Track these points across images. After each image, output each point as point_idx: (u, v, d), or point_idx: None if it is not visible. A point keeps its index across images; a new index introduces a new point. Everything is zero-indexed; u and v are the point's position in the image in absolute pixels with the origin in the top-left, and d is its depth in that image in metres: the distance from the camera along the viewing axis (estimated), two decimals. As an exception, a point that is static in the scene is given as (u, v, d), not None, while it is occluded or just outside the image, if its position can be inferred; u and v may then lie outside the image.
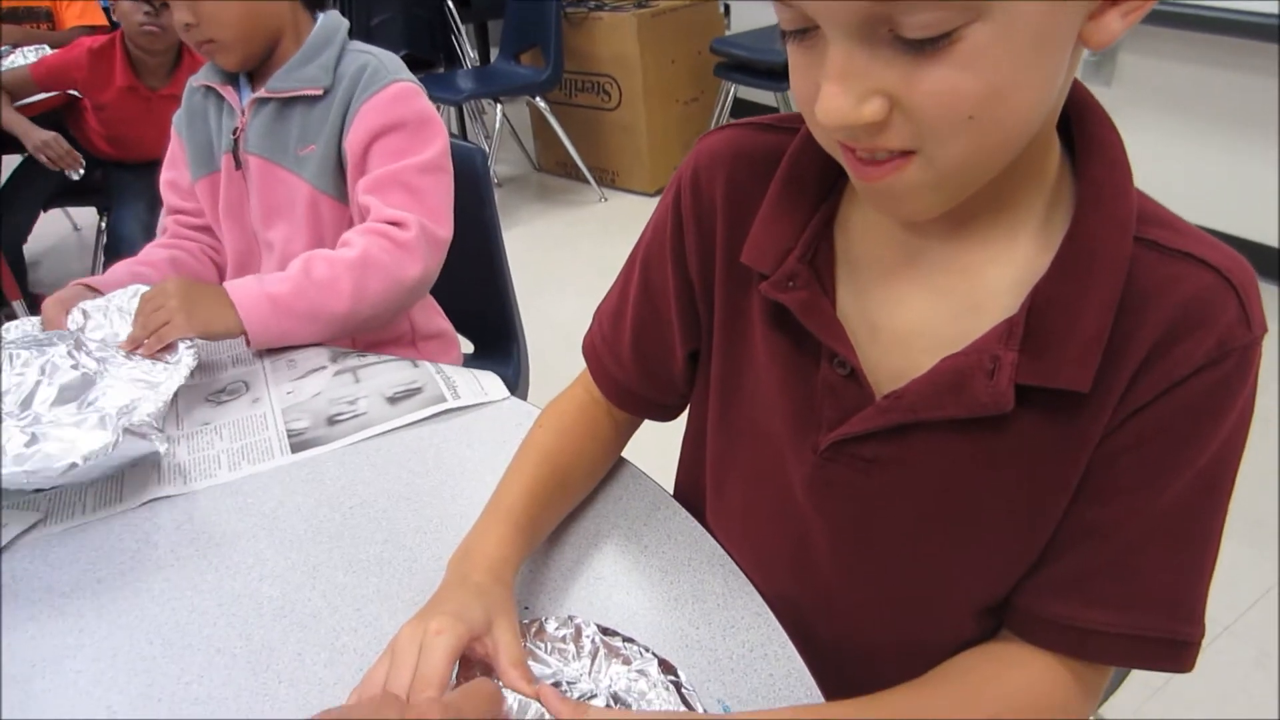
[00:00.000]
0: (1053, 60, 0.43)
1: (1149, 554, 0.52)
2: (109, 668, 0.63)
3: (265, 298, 1.00)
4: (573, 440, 0.72)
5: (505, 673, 0.53)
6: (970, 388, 0.50)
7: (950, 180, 0.46)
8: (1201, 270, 0.49)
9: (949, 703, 0.55)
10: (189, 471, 0.83)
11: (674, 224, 0.65)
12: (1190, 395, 0.49)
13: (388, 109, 1.10)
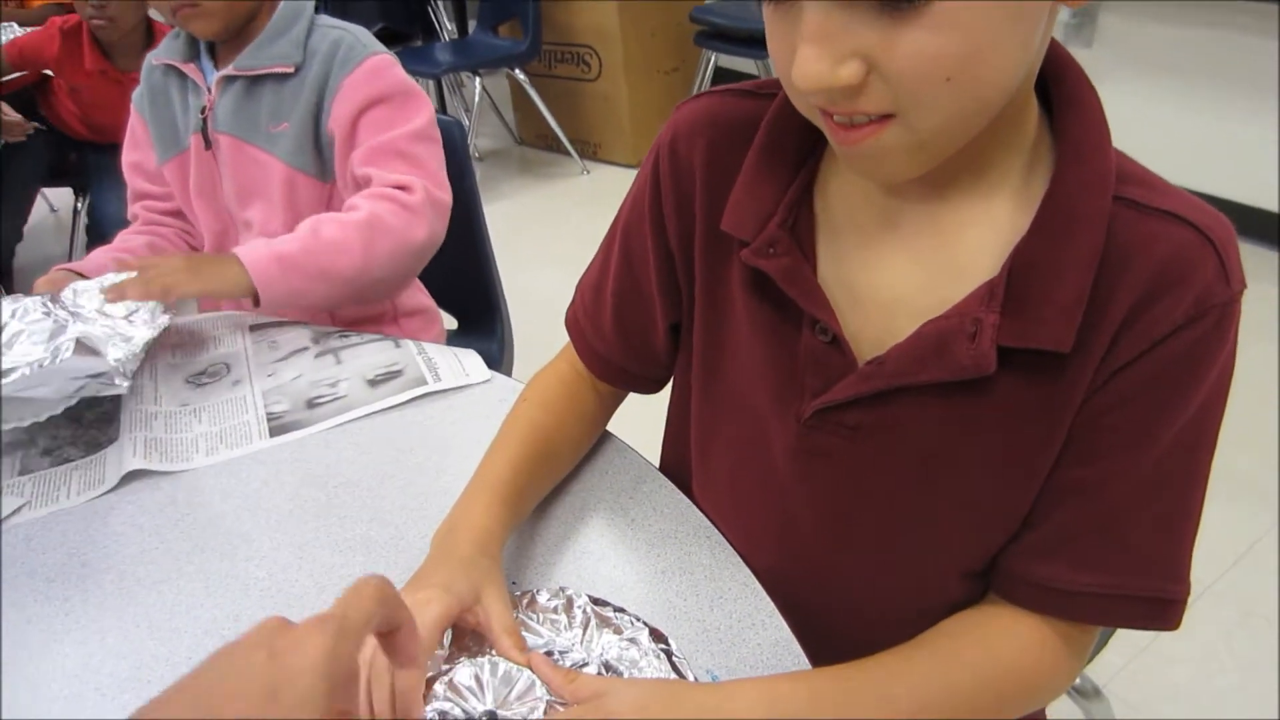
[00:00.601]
0: (1030, 20, 0.43)
1: (1134, 514, 0.53)
2: (97, 650, 0.63)
3: (274, 256, 0.99)
4: (557, 413, 0.72)
5: (498, 640, 0.53)
6: (952, 351, 0.50)
7: (929, 142, 0.46)
8: (1181, 228, 0.49)
9: (938, 667, 0.55)
10: (167, 449, 0.82)
11: (653, 193, 0.64)
12: (1171, 353, 0.49)
13: (369, 82, 1.09)
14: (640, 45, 3.52)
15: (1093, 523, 0.54)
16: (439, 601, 0.53)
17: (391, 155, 1.08)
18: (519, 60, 3.45)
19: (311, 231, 1.02)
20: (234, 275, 0.97)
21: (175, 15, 1.08)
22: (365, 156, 1.08)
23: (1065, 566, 0.54)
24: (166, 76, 1.17)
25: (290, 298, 1.01)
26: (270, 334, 1.00)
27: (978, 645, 0.56)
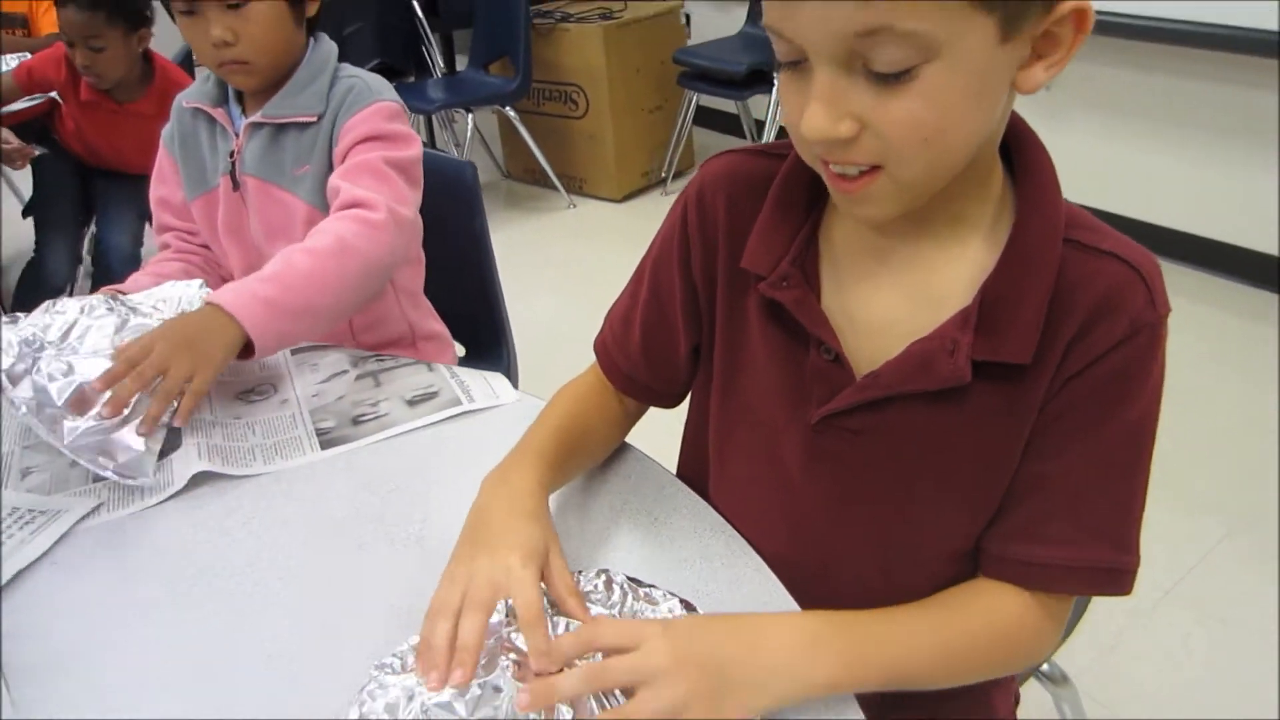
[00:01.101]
0: (990, 98, 0.55)
1: (1089, 499, 0.64)
2: (184, 633, 0.71)
3: (258, 300, 0.98)
4: (587, 411, 0.82)
5: (564, 602, 0.63)
6: (935, 366, 0.62)
7: (909, 190, 0.57)
8: (1117, 264, 0.61)
9: (935, 626, 0.65)
10: (228, 455, 0.91)
11: (681, 236, 0.75)
12: (1112, 365, 0.61)
13: (367, 120, 1.17)
14: (625, 85, 3.65)
15: (1055, 508, 0.64)
16: (534, 565, 0.63)
17: (363, 172, 1.13)
18: (509, 98, 3.56)
19: (283, 263, 1.03)
20: (229, 339, 0.94)
21: (219, 68, 1.16)
22: (341, 173, 1.14)
23: (1036, 545, 0.65)
24: (196, 119, 1.25)
25: (278, 341, 1.01)
26: (311, 357, 1.09)
27: (971, 607, 0.66)
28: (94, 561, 0.80)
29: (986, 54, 0.52)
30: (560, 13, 3.68)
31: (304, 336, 1.06)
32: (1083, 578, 0.65)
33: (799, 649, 0.60)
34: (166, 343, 0.90)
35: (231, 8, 1.10)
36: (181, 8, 1.12)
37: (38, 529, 0.83)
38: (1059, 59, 0.55)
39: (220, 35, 1.11)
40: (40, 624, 0.73)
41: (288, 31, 1.17)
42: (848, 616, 0.63)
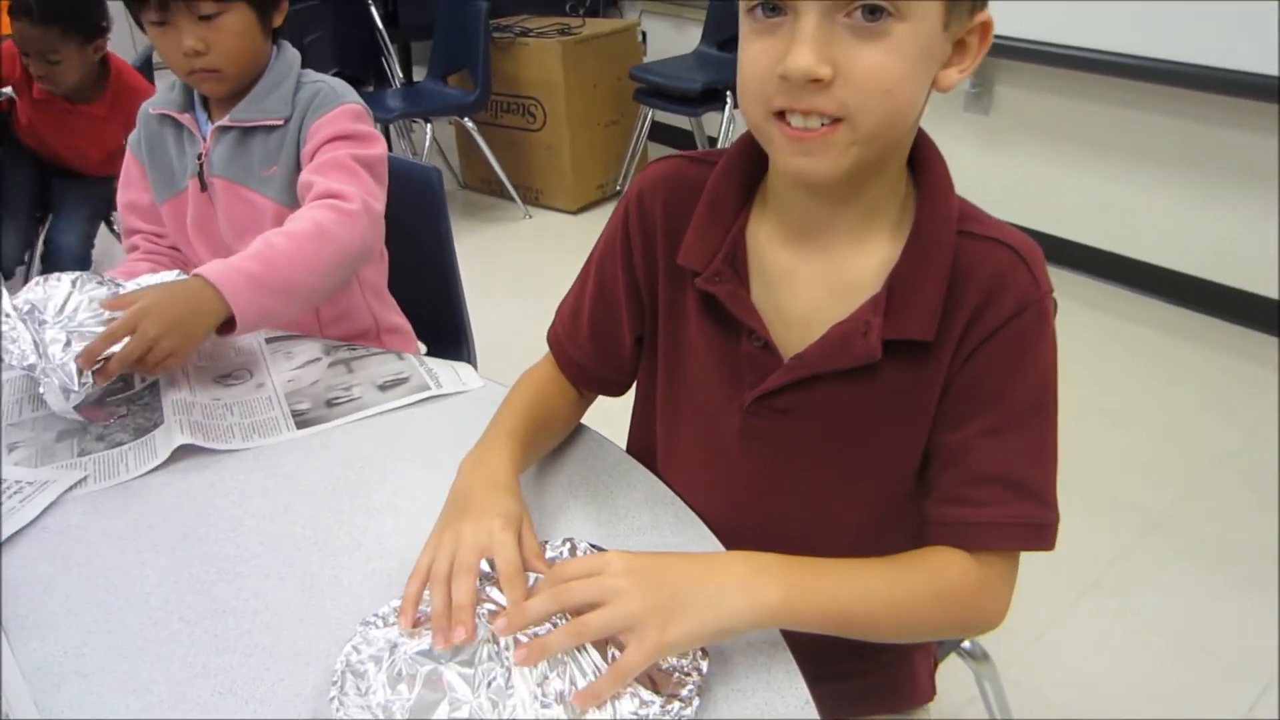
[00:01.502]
0: (928, 73, 0.64)
1: (1004, 461, 0.71)
2: (174, 590, 0.77)
3: (241, 274, 1.03)
4: (548, 394, 0.90)
5: (531, 563, 0.69)
6: (851, 346, 0.70)
7: (862, 143, 0.64)
8: (1002, 249, 0.70)
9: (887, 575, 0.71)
10: (208, 431, 0.96)
11: (623, 235, 0.83)
12: (1006, 339, 0.70)
13: (333, 122, 1.22)
14: (583, 99, 3.73)
15: (977, 472, 0.72)
16: (512, 529, 0.70)
17: (334, 168, 1.18)
18: (468, 109, 3.62)
19: (264, 245, 1.08)
20: (212, 309, 1.00)
21: (189, 75, 1.21)
22: (312, 168, 1.19)
23: (966, 507, 0.72)
24: (163, 124, 1.29)
25: (259, 318, 1.05)
26: (285, 346, 1.15)
27: (914, 567, 0.72)
28: (83, 529, 0.85)
29: (933, 32, 0.62)
30: (520, 27, 3.76)
31: (282, 313, 1.10)
32: (1010, 533, 0.72)
33: (745, 574, 0.66)
34: (151, 320, 0.96)
35: (203, 19, 1.15)
36: (154, 19, 1.16)
37: (26, 498, 0.88)
38: (967, 65, 0.65)
39: (192, 45, 1.15)
40: (36, 580, 0.78)
41: (255, 41, 1.22)
42: (796, 557, 0.69)
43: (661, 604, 0.62)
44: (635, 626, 0.61)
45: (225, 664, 0.70)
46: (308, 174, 1.20)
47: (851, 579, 0.70)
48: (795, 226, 0.74)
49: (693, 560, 0.70)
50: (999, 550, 0.73)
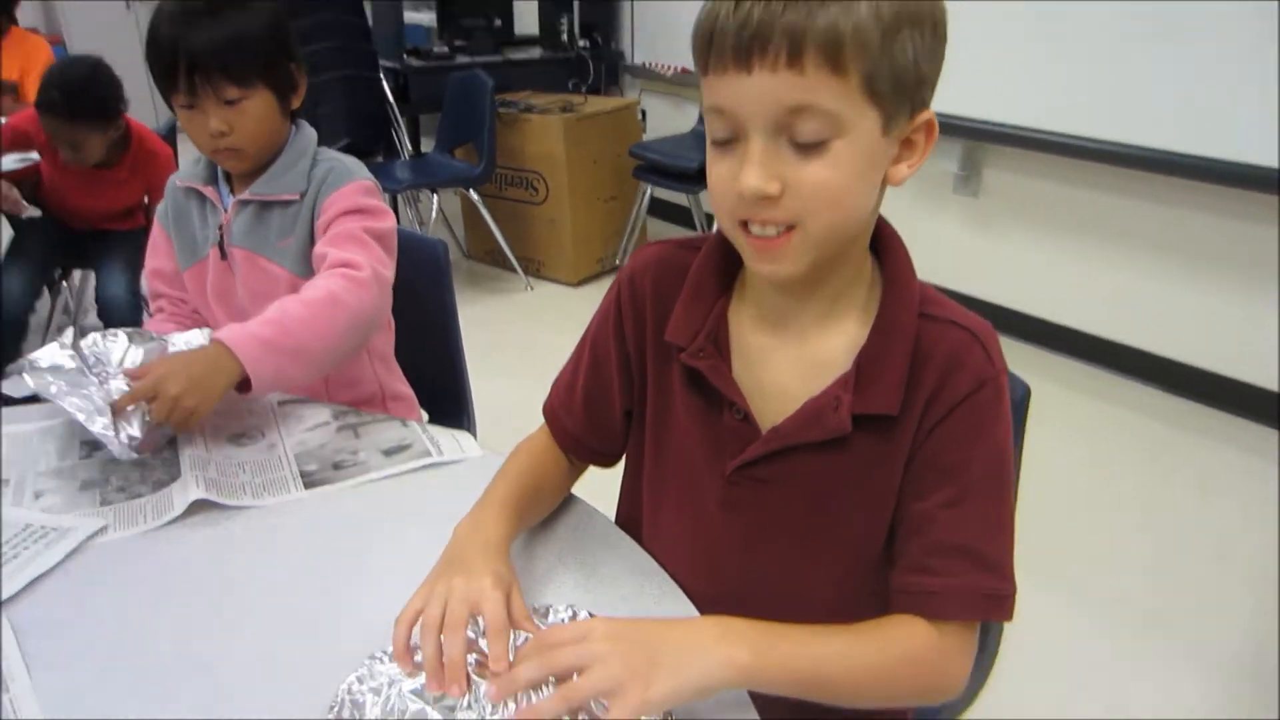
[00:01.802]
0: (873, 177, 0.72)
1: (962, 532, 0.77)
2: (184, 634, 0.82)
3: (256, 340, 1.11)
4: (542, 464, 0.96)
5: (522, 623, 0.75)
6: (823, 420, 0.78)
7: (816, 246, 0.72)
8: (958, 330, 0.78)
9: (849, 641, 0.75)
10: (222, 488, 1.02)
11: (616, 313, 0.91)
12: (964, 414, 0.77)
13: (346, 197, 1.32)
14: (584, 175, 3.87)
15: (937, 542, 0.78)
16: (503, 589, 0.75)
17: (347, 240, 1.27)
18: (474, 181, 3.75)
19: (279, 311, 1.16)
20: (228, 371, 1.09)
21: (214, 154, 1.31)
22: (325, 240, 1.28)
23: (926, 576, 0.78)
24: (188, 196, 1.39)
25: (274, 379, 1.13)
26: (296, 409, 1.21)
27: (878, 633, 0.77)
28: (102, 574, 0.91)
29: (873, 140, 0.70)
30: (524, 104, 3.91)
31: (296, 375, 1.17)
32: (968, 603, 0.77)
33: (717, 636, 0.72)
34: (172, 381, 1.04)
35: (227, 103, 1.25)
36: (183, 102, 1.25)
37: (50, 543, 0.93)
38: (915, 160, 0.74)
39: (217, 127, 1.25)
40: (57, 620, 0.84)
41: (274, 122, 1.32)
42: (766, 622, 0.74)
43: (642, 666, 0.67)
44: (619, 688, 0.65)
45: (229, 707, 0.75)
46: (322, 246, 1.28)
47: (817, 643, 0.75)
48: (770, 312, 0.82)
49: (669, 625, 0.75)
50: (959, 619, 0.78)
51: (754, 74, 0.67)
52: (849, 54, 0.66)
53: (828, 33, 0.65)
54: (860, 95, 0.67)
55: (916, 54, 0.69)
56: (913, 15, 0.68)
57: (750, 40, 0.67)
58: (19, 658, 0.79)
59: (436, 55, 4.29)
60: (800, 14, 0.65)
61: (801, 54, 0.66)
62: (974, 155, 3.40)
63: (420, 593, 0.76)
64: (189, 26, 1.21)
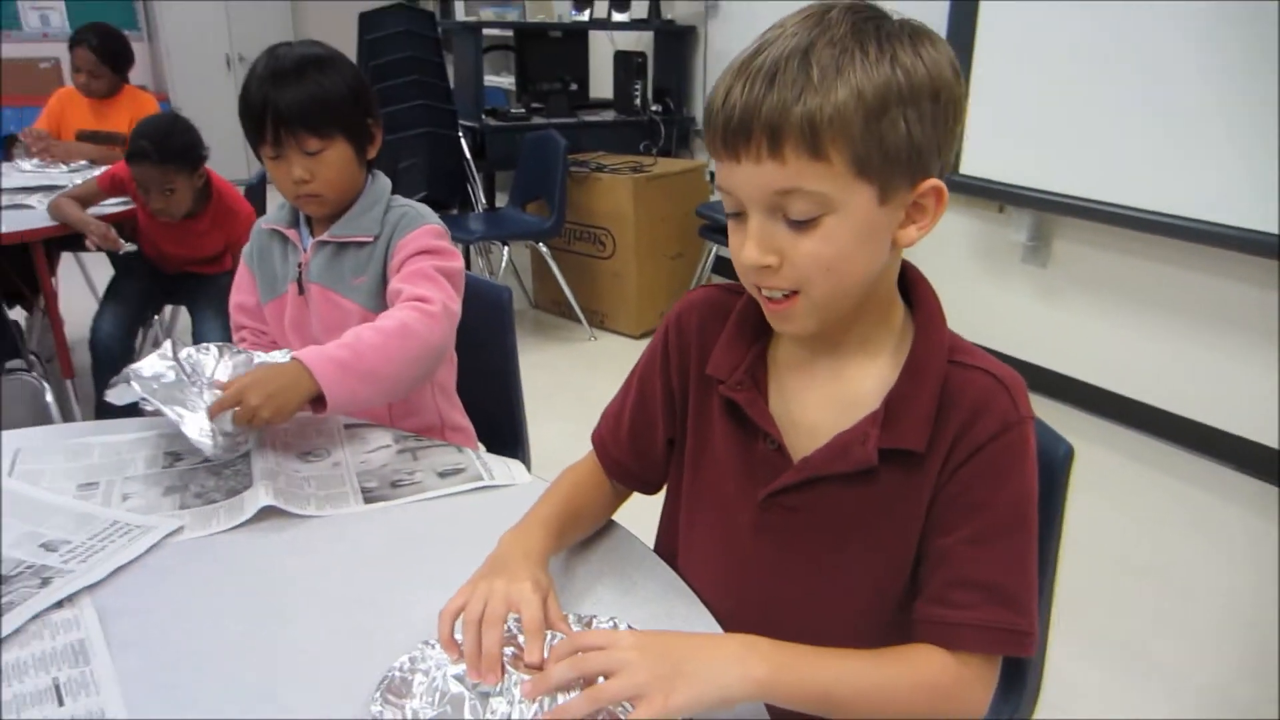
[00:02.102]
0: (874, 244, 0.77)
1: (985, 568, 0.80)
2: (249, 626, 0.89)
3: (332, 361, 1.19)
4: (586, 488, 1.02)
5: (557, 624, 0.80)
6: (851, 453, 0.82)
7: (820, 309, 0.78)
8: (985, 377, 0.82)
9: (869, 659, 0.79)
10: (289, 498, 1.10)
11: (663, 349, 0.97)
12: (990, 455, 0.80)
13: (420, 239, 1.42)
14: (651, 232, 3.97)
15: (959, 576, 0.81)
16: (542, 592, 0.81)
17: (419, 277, 1.36)
18: (544, 235, 3.88)
19: (353, 337, 1.25)
20: (305, 388, 1.17)
21: (296, 199, 1.42)
22: (399, 278, 1.38)
23: (947, 609, 0.81)
24: (271, 238, 1.51)
25: (347, 400, 1.20)
26: (360, 432, 1.30)
27: (897, 659, 0.81)
28: (177, 568, 0.98)
29: (870, 211, 0.74)
30: (596, 163, 4.05)
31: (367, 397, 1.25)
32: (988, 637, 0.79)
33: (738, 651, 0.76)
34: (254, 392, 1.14)
35: (309, 154, 1.37)
36: (269, 153, 1.38)
37: (133, 539, 1.02)
38: (926, 223, 0.78)
39: (300, 175, 1.37)
40: (137, 607, 0.92)
41: (352, 170, 1.43)
42: (787, 642, 0.77)
43: (666, 675, 0.71)
44: (643, 694, 0.70)
45: (287, 688, 0.81)
46: (396, 282, 1.38)
47: (835, 663, 0.78)
48: (803, 354, 0.88)
49: (694, 638, 0.79)
50: (977, 652, 0.81)
51: (742, 163, 0.74)
52: (828, 140, 0.71)
53: (805, 123, 0.70)
54: (848, 175, 0.72)
55: (910, 129, 0.72)
56: (904, 91, 0.71)
57: (734, 134, 0.73)
58: (101, 637, 0.87)
59: (513, 116, 4.48)
60: (778, 106, 0.70)
61: (781, 145, 0.71)
62: (1043, 226, 3.41)
63: (464, 590, 0.83)
64: (276, 87, 1.34)
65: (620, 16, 4.79)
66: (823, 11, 0.74)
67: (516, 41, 4.73)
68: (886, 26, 0.74)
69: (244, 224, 2.64)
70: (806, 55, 0.71)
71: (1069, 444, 1.04)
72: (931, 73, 0.73)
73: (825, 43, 0.71)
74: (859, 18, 0.73)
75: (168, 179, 2.47)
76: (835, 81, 0.70)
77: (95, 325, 2.64)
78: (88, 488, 1.13)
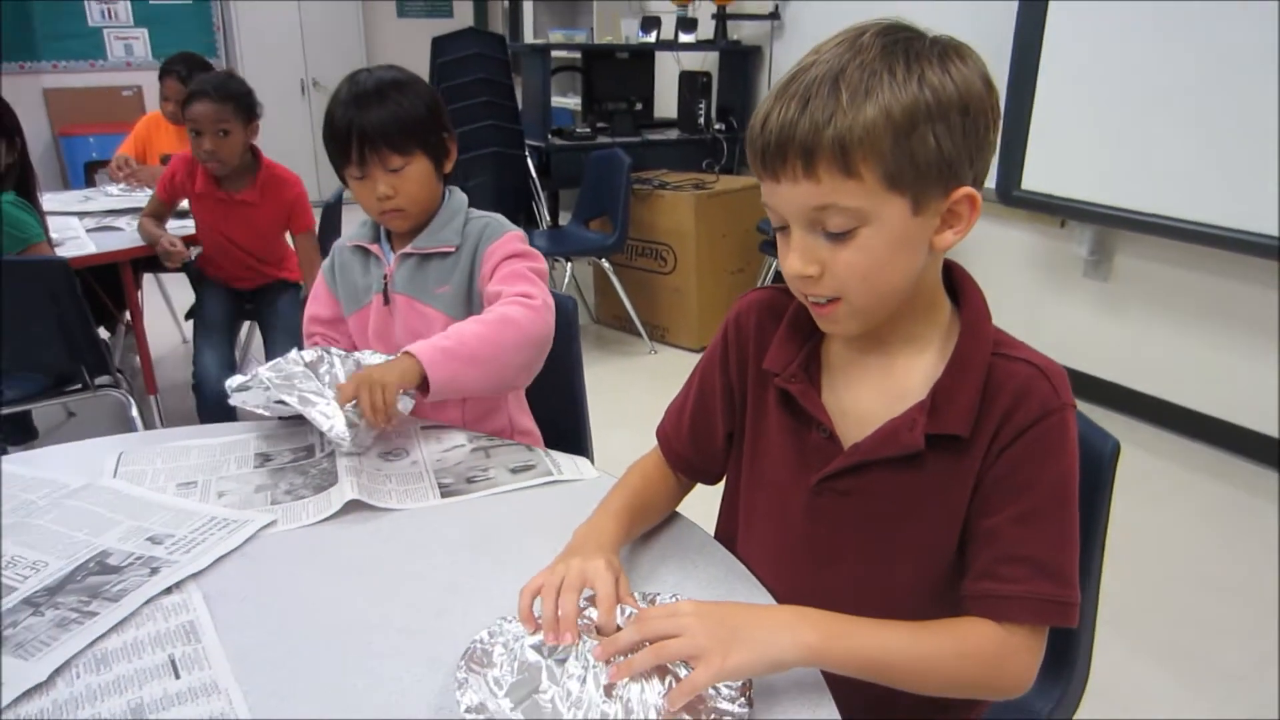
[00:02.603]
0: (910, 251, 0.82)
1: (1030, 545, 0.84)
2: (338, 607, 0.97)
3: (436, 348, 1.30)
4: (652, 481, 1.08)
5: (624, 598, 0.86)
6: (899, 438, 0.87)
7: (861, 313, 0.84)
8: (1027, 367, 0.86)
9: (917, 629, 0.83)
10: (372, 493, 1.18)
11: (723, 347, 1.03)
12: (1032, 438, 0.84)
13: (505, 245, 1.50)
14: (711, 248, 4.02)
15: (1006, 553, 0.85)
16: (614, 569, 0.88)
17: (516, 277, 1.45)
18: (606, 251, 3.96)
19: (456, 329, 1.35)
20: (412, 372, 1.27)
21: (381, 215, 1.51)
22: (497, 280, 1.46)
23: (995, 583, 0.85)
24: (354, 254, 1.59)
25: (450, 382, 1.29)
26: (436, 433, 1.38)
27: (945, 629, 0.85)
28: (274, 557, 1.06)
29: (904, 221, 0.80)
30: (658, 180, 4.12)
31: (470, 381, 1.33)
32: (1034, 608, 0.83)
33: (790, 619, 0.81)
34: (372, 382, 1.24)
35: (392, 171, 1.46)
36: (355, 174, 1.47)
37: (230, 531, 1.10)
38: (962, 228, 0.83)
39: (385, 191, 1.46)
40: (239, 591, 1.00)
41: (431, 185, 1.52)
42: (837, 613, 0.83)
43: (724, 639, 0.77)
44: (702, 655, 0.76)
45: (373, 665, 0.88)
46: (494, 285, 1.46)
47: (885, 632, 0.83)
48: (853, 350, 0.93)
49: (749, 607, 0.86)
50: (1024, 623, 0.85)
51: (781, 183, 0.80)
52: (859, 159, 0.76)
53: (836, 144, 0.76)
54: (881, 189, 0.78)
55: (940, 142, 0.77)
56: (932, 108, 0.76)
57: (773, 157, 0.80)
58: (209, 618, 0.94)
59: (579, 135, 4.58)
60: (810, 129, 0.76)
61: (815, 166, 0.77)
62: (1104, 240, 3.40)
63: (543, 572, 0.89)
64: (360, 109, 1.43)
65: (686, 37, 4.87)
66: (856, 35, 0.79)
67: (584, 62, 4.84)
68: (916, 46, 0.78)
69: (293, 188, 2.77)
70: (837, 80, 0.76)
71: (1115, 440, 1.07)
72: (960, 88, 0.77)
73: (856, 66, 0.76)
74: (889, 40, 0.78)
75: (223, 119, 2.59)
76: (864, 103, 0.75)
77: (198, 364, 2.71)
78: (186, 486, 1.22)
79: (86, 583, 0.99)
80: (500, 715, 0.77)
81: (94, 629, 0.91)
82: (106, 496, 1.18)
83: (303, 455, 1.30)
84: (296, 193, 2.77)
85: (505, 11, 7.72)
